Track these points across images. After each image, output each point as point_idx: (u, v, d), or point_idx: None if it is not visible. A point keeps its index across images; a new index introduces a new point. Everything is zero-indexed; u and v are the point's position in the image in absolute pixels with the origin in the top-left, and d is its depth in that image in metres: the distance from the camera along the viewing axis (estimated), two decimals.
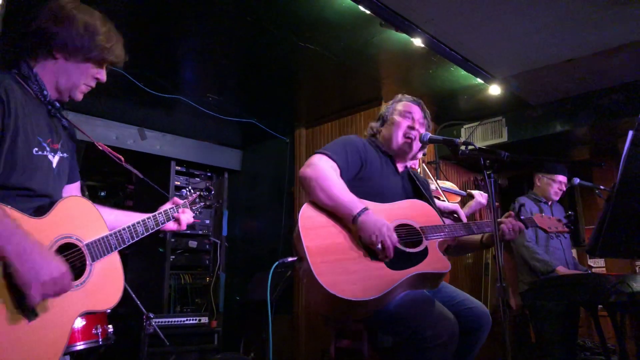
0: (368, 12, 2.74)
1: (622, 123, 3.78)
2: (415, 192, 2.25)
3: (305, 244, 1.77)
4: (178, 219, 1.90)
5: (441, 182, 3.53)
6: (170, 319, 3.99)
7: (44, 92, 1.54)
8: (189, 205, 1.99)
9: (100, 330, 2.83)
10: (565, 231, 2.30)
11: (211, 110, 4.27)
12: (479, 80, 3.67)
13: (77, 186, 1.76)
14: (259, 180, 5.20)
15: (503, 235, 2.09)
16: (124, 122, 4.47)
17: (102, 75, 1.65)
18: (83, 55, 1.56)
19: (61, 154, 1.61)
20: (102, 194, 5.53)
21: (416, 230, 1.96)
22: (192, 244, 4.97)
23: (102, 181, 5.53)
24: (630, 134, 1.50)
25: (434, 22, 2.92)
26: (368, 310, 1.80)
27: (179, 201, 1.95)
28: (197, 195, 2.06)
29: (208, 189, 2.15)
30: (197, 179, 5.14)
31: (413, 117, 2.22)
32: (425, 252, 1.91)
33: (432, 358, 1.68)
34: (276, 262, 1.94)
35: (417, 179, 2.29)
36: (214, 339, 4.11)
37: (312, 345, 4.23)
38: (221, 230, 5.30)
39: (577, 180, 3.43)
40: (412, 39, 3.04)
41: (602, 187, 3.39)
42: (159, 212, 1.84)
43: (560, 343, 3.17)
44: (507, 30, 3.00)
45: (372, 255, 1.83)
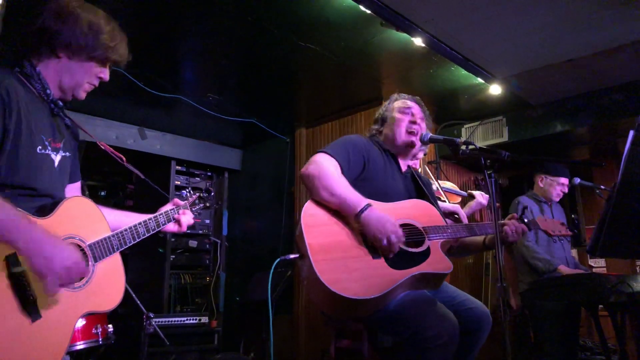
0: (368, 11, 2.74)
1: (622, 123, 3.78)
2: (418, 192, 2.25)
3: (307, 241, 1.77)
4: (178, 220, 1.89)
5: (442, 182, 3.53)
6: (170, 319, 3.99)
7: (47, 90, 1.53)
8: (189, 206, 1.98)
9: (100, 329, 2.84)
10: (569, 234, 2.30)
11: (211, 110, 4.27)
12: (480, 80, 3.67)
13: (78, 186, 1.76)
14: (259, 180, 5.20)
15: (506, 237, 2.08)
16: (124, 122, 4.47)
17: (106, 74, 1.64)
18: (87, 54, 1.55)
19: (63, 153, 1.60)
20: (102, 193, 5.53)
21: (419, 230, 1.96)
22: (192, 243, 4.97)
23: (102, 181, 5.53)
24: (631, 134, 1.50)
25: (434, 22, 2.92)
26: (369, 310, 1.80)
27: (180, 202, 1.95)
28: (197, 196, 2.06)
29: (208, 190, 2.15)
30: (197, 179, 5.14)
31: (413, 113, 2.22)
32: (427, 252, 1.91)
33: (433, 358, 1.68)
34: (277, 259, 1.94)
35: (419, 179, 2.29)
36: (214, 339, 4.11)
37: (312, 345, 4.22)
38: (221, 229, 5.30)
39: (577, 180, 3.44)
40: (413, 39, 3.04)
41: (602, 187, 3.40)
42: (159, 213, 1.83)
43: (559, 343, 3.16)
44: (508, 30, 3.00)
45: (374, 254, 1.83)
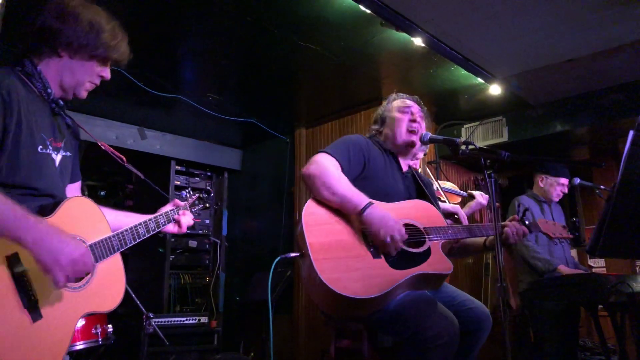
0: (368, 11, 2.73)
1: (622, 123, 3.78)
2: (419, 192, 2.25)
3: (308, 240, 1.77)
4: (178, 221, 1.90)
5: (441, 182, 3.53)
6: (170, 319, 3.99)
7: (47, 90, 1.52)
8: (188, 207, 1.98)
9: (100, 330, 2.84)
10: (569, 237, 2.31)
11: (211, 110, 4.27)
12: (480, 80, 3.67)
13: (78, 186, 1.76)
14: (259, 180, 5.20)
15: (507, 239, 2.09)
16: (124, 122, 4.47)
17: (107, 73, 1.63)
18: (88, 53, 1.55)
19: (64, 153, 1.60)
20: (102, 193, 5.52)
21: (419, 231, 1.96)
22: (192, 243, 4.97)
23: (102, 181, 5.52)
24: (631, 134, 1.50)
25: (434, 22, 2.92)
26: (369, 309, 1.80)
27: (180, 203, 1.95)
28: (197, 197, 2.06)
29: (208, 191, 2.15)
30: (197, 179, 5.14)
31: (412, 112, 2.23)
32: (428, 252, 1.91)
33: (433, 358, 1.68)
34: (278, 257, 1.94)
35: (420, 179, 2.29)
36: (213, 339, 4.11)
37: (312, 345, 4.22)
38: (221, 229, 5.29)
39: (577, 181, 3.44)
40: (413, 39, 3.03)
41: (602, 187, 3.40)
42: (159, 213, 1.83)
43: (559, 343, 3.16)
44: (508, 30, 3.00)
45: (375, 253, 1.83)
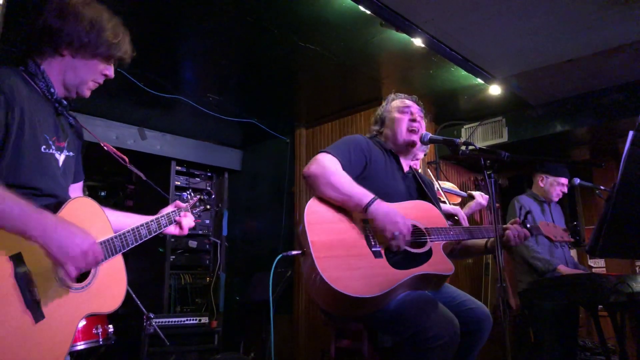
0: (368, 12, 2.73)
1: (622, 123, 3.78)
2: (419, 193, 2.25)
3: (310, 238, 1.77)
4: (180, 222, 1.90)
5: (441, 182, 3.53)
6: (170, 319, 3.99)
7: (50, 89, 1.52)
8: (190, 208, 1.98)
9: (101, 330, 2.84)
10: (570, 240, 2.32)
11: (211, 110, 4.27)
12: (479, 81, 3.67)
13: (80, 185, 1.75)
14: (259, 180, 5.20)
15: (508, 242, 2.09)
16: (124, 122, 4.47)
17: (110, 71, 1.63)
18: (90, 52, 1.54)
19: (67, 153, 1.59)
20: (102, 194, 5.52)
21: (421, 231, 1.96)
22: (192, 243, 4.97)
23: (102, 181, 5.53)
24: (631, 134, 1.50)
25: (434, 22, 2.92)
26: (369, 309, 1.80)
27: (182, 204, 1.95)
28: (198, 198, 2.06)
29: (209, 192, 2.15)
30: (197, 179, 5.14)
31: (412, 111, 2.23)
32: (429, 253, 1.91)
33: (433, 358, 1.68)
34: (279, 255, 1.93)
35: (421, 180, 2.29)
36: (214, 339, 4.12)
37: (312, 345, 4.22)
38: (221, 230, 5.30)
39: (577, 181, 3.44)
40: (413, 39, 3.03)
41: (602, 187, 3.40)
42: (161, 215, 1.83)
43: (558, 343, 3.16)
44: (507, 30, 3.00)
45: (376, 253, 1.83)
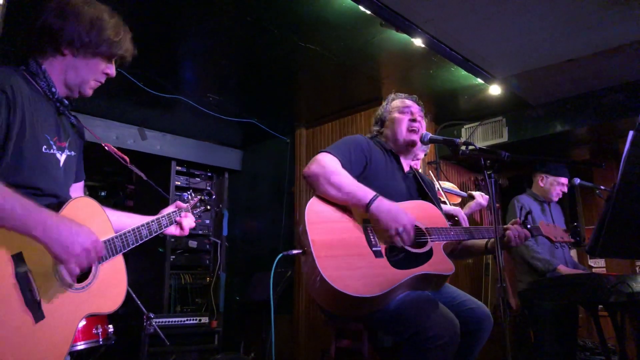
0: (368, 12, 2.73)
1: (622, 123, 3.78)
2: (420, 193, 2.25)
3: (310, 237, 1.77)
4: (180, 223, 1.90)
5: (442, 182, 3.53)
6: (170, 319, 4.00)
7: (52, 89, 1.52)
8: (190, 209, 1.98)
9: (101, 330, 2.84)
10: (570, 241, 2.32)
11: (211, 110, 4.27)
12: (479, 80, 3.67)
13: (81, 185, 1.75)
14: (259, 180, 5.20)
15: (508, 242, 2.09)
16: (124, 122, 4.47)
17: (112, 70, 1.62)
18: (91, 51, 1.53)
19: (68, 152, 1.59)
20: (102, 194, 5.53)
21: (422, 231, 1.96)
22: (192, 243, 4.97)
23: (102, 181, 5.53)
24: (631, 134, 1.50)
25: (434, 22, 2.92)
26: (369, 308, 1.80)
27: (182, 205, 1.95)
28: (199, 199, 2.06)
29: (209, 193, 2.15)
30: (198, 179, 5.14)
31: (412, 111, 2.23)
32: (429, 253, 1.91)
33: (433, 358, 1.68)
34: (279, 254, 1.93)
35: (422, 180, 2.29)
36: (214, 339, 4.12)
37: (312, 345, 4.23)
38: (221, 230, 5.30)
39: (577, 181, 3.44)
40: (413, 39, 3.03)
41: (602, 187, 3.40)
42: (161, 215, 1.83)
43: (557, 343, 3.16)
44: (507, 30, 3.00)
45: (377, 253, 1.83)
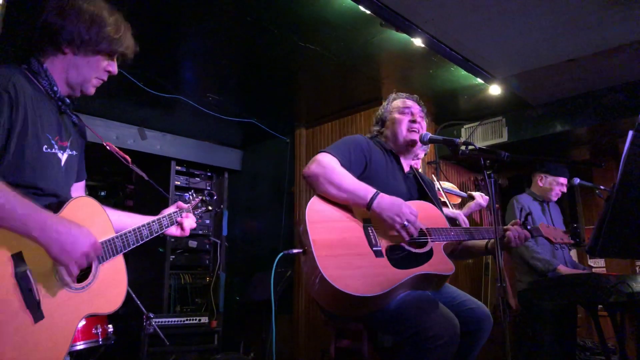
0: (368, 12, 2.73)
1: (622, 123, 3.78)
2: (420, 193, 2.25)
3: (311, 237, 1.77)
4: (181, 223, 1.89)
5: (442, 182, 3.53)
6: (170, 319, 3.99)
7: (54, 87, 1.51)
8: (191, 209, 1.97)
9: (101, 330, 2.83)
10: (570, 242, 2.33)
11: (211, 110, 4.27)
12: (479, 80, 3.67)
13: (83, 185, 1.75)
14: (259, 180, 5.20)
15: (508, 243, 2.10)
16: (124, 122, 4.47)
17: (113, 67, 1.61)
18: (92, 48, 1.53)
19: (70, 152, 1.58)
20: (102, 193, 5.53)
21: (422, 231, 1.96)
22: (192, 243, 4.97)
23: (102, 181, 5.53)
24: (630, 134, 1.50)
25: (434, 22, 2.92)
26: (369, 308, 1.80)
27: (183, 205, 1.94)
28: (200, 199, 2.05)
29: (211, 193, 2.14)
30: (197, 179, 5.15)
31: (412, 112, 2.23)
32: (430, 253, 1.91)
33: (433, 358, 1.68)
34: (280, 253, 1.93)
35: (422, 180, 2.29)
36: (214, 339, 4.12)
37: (312, 345, 4.23)
38: (221, 230, 5.30)
39: (577, 180, 3.44)
40: (413, 39, 3.03)
41: (602, 187, 3.40)
42: (162, 215, 1.82)
43: (557, 343, 3.16)
44: (507, 30, 3.00)
45: (377, 252, 1.83)
